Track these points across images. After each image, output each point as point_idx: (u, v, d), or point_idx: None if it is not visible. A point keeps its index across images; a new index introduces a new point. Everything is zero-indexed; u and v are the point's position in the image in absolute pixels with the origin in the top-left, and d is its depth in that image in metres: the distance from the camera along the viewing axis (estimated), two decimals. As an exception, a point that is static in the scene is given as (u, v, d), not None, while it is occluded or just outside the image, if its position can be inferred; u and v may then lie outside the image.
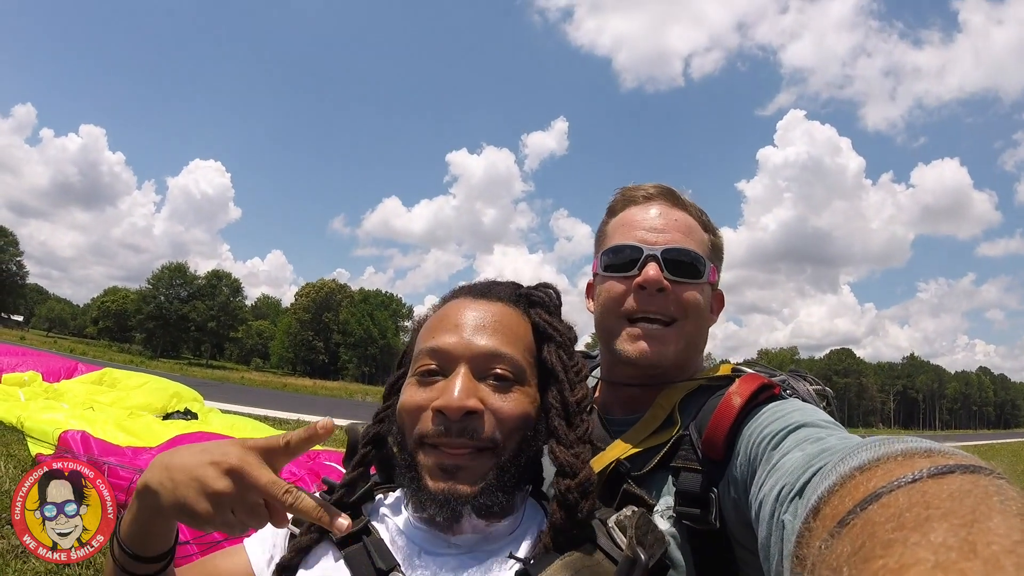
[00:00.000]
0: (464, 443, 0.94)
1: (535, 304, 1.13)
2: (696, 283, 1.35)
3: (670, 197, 1.43)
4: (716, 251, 1.45)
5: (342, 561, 0.98)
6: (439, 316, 1.08)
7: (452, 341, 1.01)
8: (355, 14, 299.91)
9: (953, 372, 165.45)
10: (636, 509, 1.00)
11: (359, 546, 0.99)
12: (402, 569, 0.95)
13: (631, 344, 1.33)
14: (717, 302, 1.49)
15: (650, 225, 1.38)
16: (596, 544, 0.94)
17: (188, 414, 7.38)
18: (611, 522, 0.97)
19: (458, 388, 0.95)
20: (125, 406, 6.95)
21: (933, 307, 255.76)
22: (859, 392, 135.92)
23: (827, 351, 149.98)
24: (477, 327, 1.02)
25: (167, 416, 7.19)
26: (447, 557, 0.97)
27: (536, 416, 1.02)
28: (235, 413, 8.70)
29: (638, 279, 1.32)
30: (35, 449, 4.75)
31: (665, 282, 1.31)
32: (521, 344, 1.05)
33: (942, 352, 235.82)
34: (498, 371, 0.99)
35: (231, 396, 16.07)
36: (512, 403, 0.98)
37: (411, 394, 1.00)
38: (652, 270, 1.31)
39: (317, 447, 5.78)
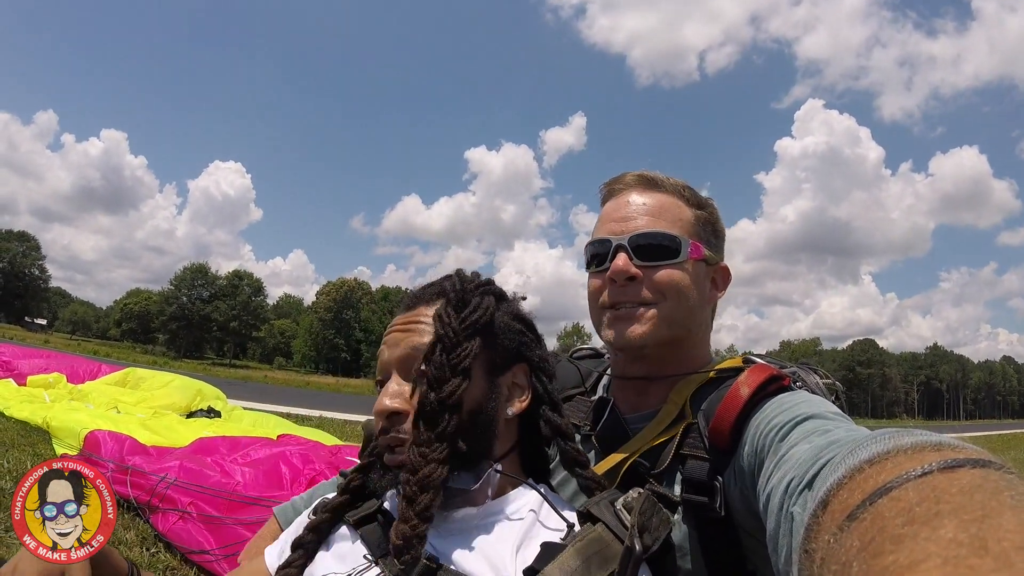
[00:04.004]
0: (392, 439, 1.04)
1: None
2: (672, 263, 1.32)
3: (644, 183, 1.42)
4: (705, 225, 1.41)
5: (359, 541, 1.06)
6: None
7: (384, 357, 1.11)
8: (372, 14, 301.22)
9: (976, 361, 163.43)
10: (642, 491, 1.02)
11: (374, 525, 1.08)
12: None
13: (608, 329, 1.34)
14: (721, 276, 1.46)
15: (619, 215, 1.38)
16: (606, 526, 0.96)
17: (211, 412, 7.40)
18: (619, 504, 1.00)
19: (383, 394, 1.06)
20: (150, 406, 7.00)
21: (955, 296, 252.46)
22: (882, 383, 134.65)
23: (849, 342, 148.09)
24: (397, 340, 1.10)
25: (190, 415, 7.22)
26: (453, 531, 1.04)
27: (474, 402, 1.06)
28: (259, 411, 8.72)
29: (608, 272, 1.32)
30: (60, 450, 4.78)
31: (633, 270, 1.30)
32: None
33: (965, 341, 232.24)
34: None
35: (254, 395, 16.19)
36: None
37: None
38: (620, 260, 1.30)
39: (339, 442, 5.79)
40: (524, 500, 1.07)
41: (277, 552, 1.20)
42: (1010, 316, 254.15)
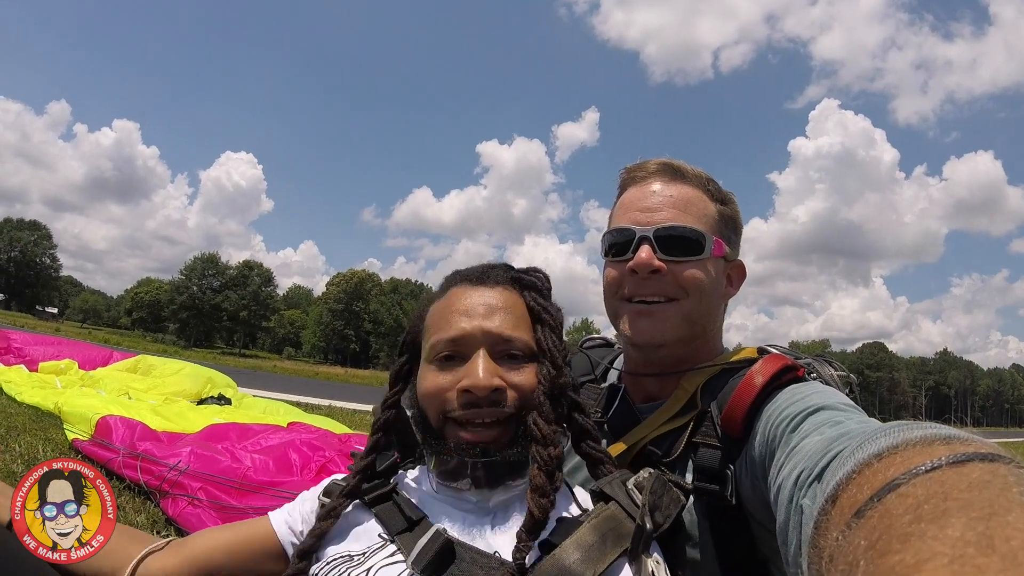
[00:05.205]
0: (493, 413, 1.05)
1: (528, 287, 1.19)
2: (696, 259, 1.31)
3: (668, 172, 1.39)
4: (727, 221, 1.40)
5: (374, 520, 1.09)
6: (445, 304, 1.16)
7: (467, 327, 1.10)
8: (386, 7, 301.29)
9: (986, 369, 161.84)
10: (652, 471, 1.05)
11: (389, 504, 1.10)
12: (431, 520, 1.05)
13: (629, 324, 1.33)
14: (736, 273, 1.45)
15: (644, 205, 1.35)
16: (619, 504, 1.00)
17: (222, 399, 7.41)
18: (630, 484, 1.03)
19: (482, 369, 1.05)
20: (161, 393, 7.00)
21: (966, 303, 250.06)
22: (891, 387, 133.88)
23: (859, 344, 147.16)
24: (487, 312, 1.12)
25: (201, 401, 7.23)
26: (471, 511, 1.08)
27: None
28: (269, 399, 8.71)
29: (630, 263, 1.30)
30: (71, 435, 4.77)
31: (658, 263, 1.28)
32: (525, 324, 1.14)
33: (975, 348, 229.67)
34: (512, 351, 1.10)
35: (264, 384, 16.22)
36: (527, 377, 1.09)
37: (432, 379, 1.10)
38: (644, 252, 1.29)
39: (348, 431, 5.72)
40: None
41: (283, 518, 1.22)
42: (1020, 324, 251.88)
